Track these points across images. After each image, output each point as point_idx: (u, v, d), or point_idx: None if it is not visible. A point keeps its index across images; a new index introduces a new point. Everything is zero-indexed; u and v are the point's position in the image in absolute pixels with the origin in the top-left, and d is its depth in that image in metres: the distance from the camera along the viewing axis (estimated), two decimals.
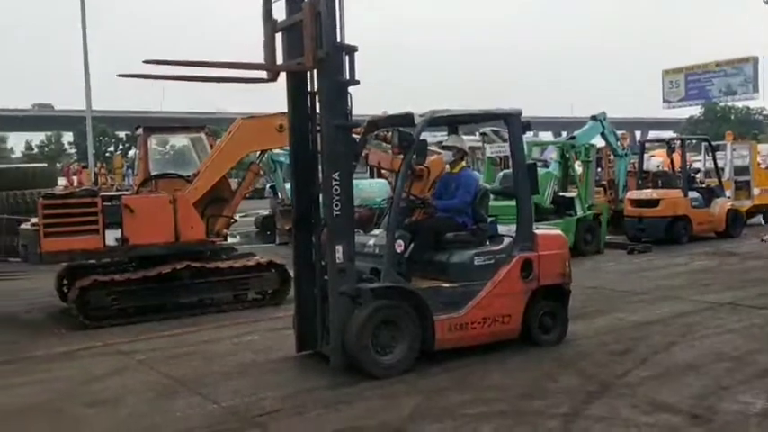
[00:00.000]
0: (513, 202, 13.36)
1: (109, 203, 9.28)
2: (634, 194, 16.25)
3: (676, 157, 16.65)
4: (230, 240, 12.02)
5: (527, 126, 7.54)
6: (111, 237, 9.23)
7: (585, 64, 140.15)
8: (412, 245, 7.14)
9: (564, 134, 61.36)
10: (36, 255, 9.05)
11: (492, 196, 13.69)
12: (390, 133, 7.72)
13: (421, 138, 6.96)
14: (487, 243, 7.42)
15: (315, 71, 6.54)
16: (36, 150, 73.44)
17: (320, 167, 6.61)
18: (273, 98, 7.93)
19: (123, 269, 9.76)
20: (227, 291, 9.86)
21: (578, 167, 15.30)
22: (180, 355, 7.50)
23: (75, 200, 9.30)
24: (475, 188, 7.46)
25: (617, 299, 9.69)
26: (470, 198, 7.38)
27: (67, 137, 73.19)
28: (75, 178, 30.93)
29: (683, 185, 15.69)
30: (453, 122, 7.81)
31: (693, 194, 15.89)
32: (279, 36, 6.78)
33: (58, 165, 52.66)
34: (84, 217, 9.11)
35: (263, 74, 6.61)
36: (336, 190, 6.36)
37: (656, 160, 24.73)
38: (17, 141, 79.19)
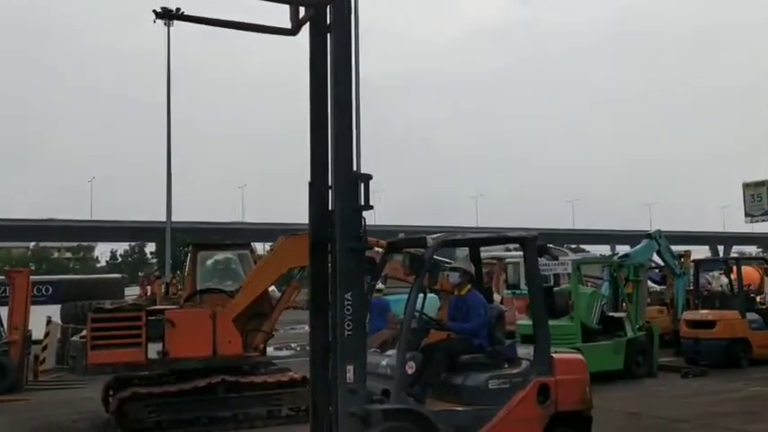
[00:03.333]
0: (558, 322, 13.42)
1: (153, 317, 9.74)
2: (689, 315, 15.83)
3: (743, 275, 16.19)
4: (286, 352, 12.25)
5: (543, 249, 7.68)
6: (154, 350, 9.64)
7: (666, 174, 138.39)
8: (428, 366, 7.23)
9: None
10: (82, 366, 9.52)
11: None
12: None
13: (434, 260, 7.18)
14: (505, 366, 7.44)
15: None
16: (120, 259, 76.57)
17: (333, 287, 6.85)
18: None
19: (165, 381, 10.10)
20: (260, 406, 10.06)
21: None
22: None
23: (122, 313, 9.81)
24: (484, 309, 7.53)
25: (653, 427, 9.45)
26: (483, 320, 7.47)
27: (150, 247, 76.32)
28: (149, 288, 32.09)
29: (740, 306, 15.24)
30: (465, 245, 8.01)
31: (753, 316, 15.35)
32: None
33: (140, 274, 54.58)
34: (130, 330, 9.59)
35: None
36: (348, 310, 6.54)
37: (724, 279, 24.04)
38: (104, 250, 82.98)
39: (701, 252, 46.18)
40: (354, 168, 6.76)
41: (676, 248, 18.96)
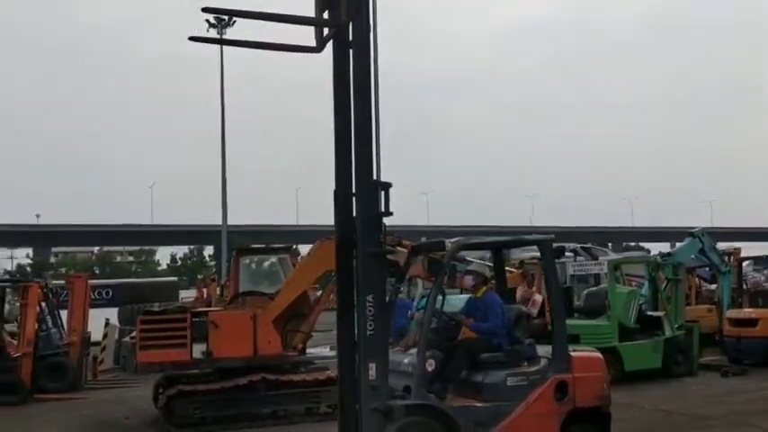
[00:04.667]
0: (595, 321, 13.57)
1: (197, 319, 10.32)
2: (732, 313, 15.75)
3: None
4: (326, 352, 12.64)
5: (560, 251, 7.95)
6: (198, 350, 10.21)
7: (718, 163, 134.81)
8: (448, 364, 7.58)
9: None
10: (132, 365, 10.15)
11: (576, 315, 14.07)
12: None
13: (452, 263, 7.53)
14: (525, 364, 7.73)
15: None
16: (180, 263, 78.65)
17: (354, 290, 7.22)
18: None
19: (210, 380, 10.67)
20: (299, 403, 10.52)
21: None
22: None
23: (169, 315, 10.41)
24: (501, 309, 7.82)
25: (681, 425, 9.59)
26: (501, 320, 7.76)
27: (209, 250, 78.13)
28: (205, 290, 33.06)
29: None
30: (483, 249, 8.32)
31: None
32: None
33: (199, 277, 55.90)
34: (176, 331, 10.18)
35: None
36: (370, 311, 6.93)
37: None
38: (165, 254, 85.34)
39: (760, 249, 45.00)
40: (375, 177, 7.18)
41: (738, 245, 18.76)
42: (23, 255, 78.58)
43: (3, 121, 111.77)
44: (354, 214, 7.33)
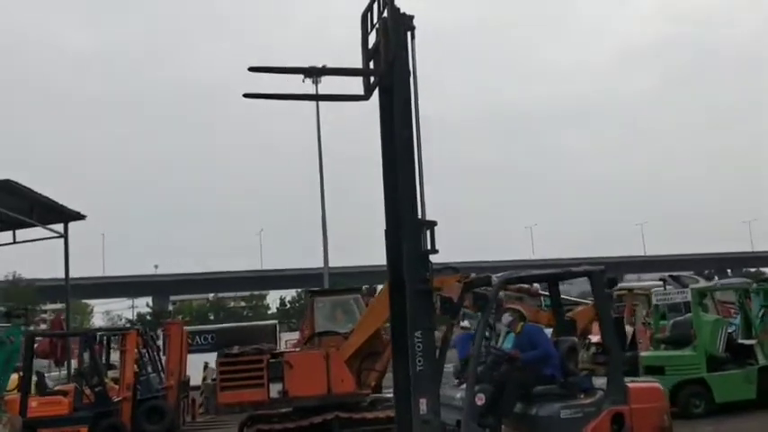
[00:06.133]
0: (680, 352, 13.19)
1: (274, 360, 10.79)
2: None
3: None
4: None
5: (613, 282, 7.94)
6: (275, 390, 10.67)
7: None
8: (501, 397, 7.66)
9: None
10: (213, 406, 10.69)
11: (662, 346, 13.73)
12: None
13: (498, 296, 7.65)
14: (581, 396, 7.70)
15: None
16: (288, 306, 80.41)
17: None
18: None
19: (288, 419, 11.08)
20: None
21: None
22: None
23: (246, 357, 10.93)
24: (544, 337, 7.85)
25: None
26: (549, 347, 7.80)
27: None
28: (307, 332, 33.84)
29: None
30: (528, 282, 8.39)
31: None
32: None
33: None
34: (253, 372, 10.68)
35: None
36: (419, 347, 7.15)
37: None
38: (275, 297, 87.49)
39: None
40: (420, 216, 7.44)
41: None
42: (143, 303, 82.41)
43: (124, 176, 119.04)
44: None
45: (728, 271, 76.58)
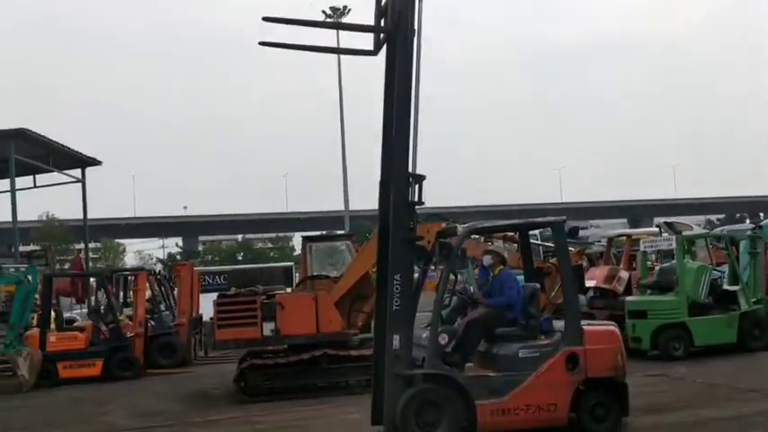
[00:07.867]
0: (663, 297, 13.64)
1: (267, 301, 11.45)
2: None
3: None
4: None
5: (574, 232, 8.38)
6: (268, 328, 11.35)
7: None
8: (467, 337, 8.23)
9: None
10: (211, 342, 11.43)
11: (648, 291, 14.18)
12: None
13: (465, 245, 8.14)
14: (541, 338, 8.24)
15: None
16: None
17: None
18: None
19: (280, 355, 11.77)
20: (359, 375, 11.39)
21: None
22: (288, 427, 9.21)
23: (241, 298, 11.60)
24: (516, 285, 8.36)
25: (721, 396, 9.69)
26: (516, 294, 8.31)
27: None
28: None
29: None
30: (492, 233, 8.85)
31: None
32: None
33: None
34: (247, 312, 11.36)
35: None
36: (397, 288, 7.65)
37: None
38: (298, 240, 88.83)
39: None
40: (410, 169, 7.88)
41: None
42: (173, 243, 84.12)
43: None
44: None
45: (746, 216, 75.38)
